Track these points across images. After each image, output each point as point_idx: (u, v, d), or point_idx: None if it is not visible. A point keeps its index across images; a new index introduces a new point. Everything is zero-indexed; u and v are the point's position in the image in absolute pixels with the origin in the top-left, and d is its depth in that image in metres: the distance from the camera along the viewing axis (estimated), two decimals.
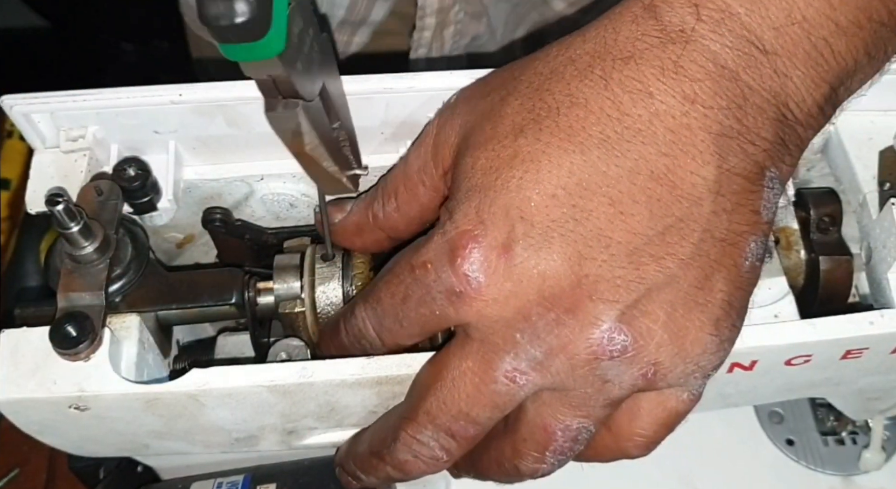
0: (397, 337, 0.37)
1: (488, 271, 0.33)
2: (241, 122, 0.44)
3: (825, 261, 0.44)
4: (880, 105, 0.45)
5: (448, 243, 0.34)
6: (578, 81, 0.33)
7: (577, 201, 0.32)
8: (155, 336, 0.42)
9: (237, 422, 0.41)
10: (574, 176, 0.32)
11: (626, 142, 0.32)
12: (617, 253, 0.32)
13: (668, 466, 0.55)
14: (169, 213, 0.45)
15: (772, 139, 0.33)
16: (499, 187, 0.33)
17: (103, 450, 0.46)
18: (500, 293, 0.33)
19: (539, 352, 0.33)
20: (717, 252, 0.33)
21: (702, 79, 0.32)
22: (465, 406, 0.35)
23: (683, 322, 0.33)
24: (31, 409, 0.39)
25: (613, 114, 0.32)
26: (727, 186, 0.32)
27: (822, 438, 0.56)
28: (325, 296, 0.43)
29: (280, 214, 0.48)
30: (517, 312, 0.33)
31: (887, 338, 0.40)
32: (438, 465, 0.37)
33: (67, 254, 0.39)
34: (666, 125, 0.32)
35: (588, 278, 0.32)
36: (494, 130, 0.34)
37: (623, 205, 0.32)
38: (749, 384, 0.43)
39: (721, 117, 0.32)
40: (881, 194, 0.44)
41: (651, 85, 0.32)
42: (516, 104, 0.34)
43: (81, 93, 0.42)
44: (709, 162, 0.32)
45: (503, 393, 0.34)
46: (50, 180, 0.43)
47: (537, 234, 0.32)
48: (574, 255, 0.32)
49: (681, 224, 0.32)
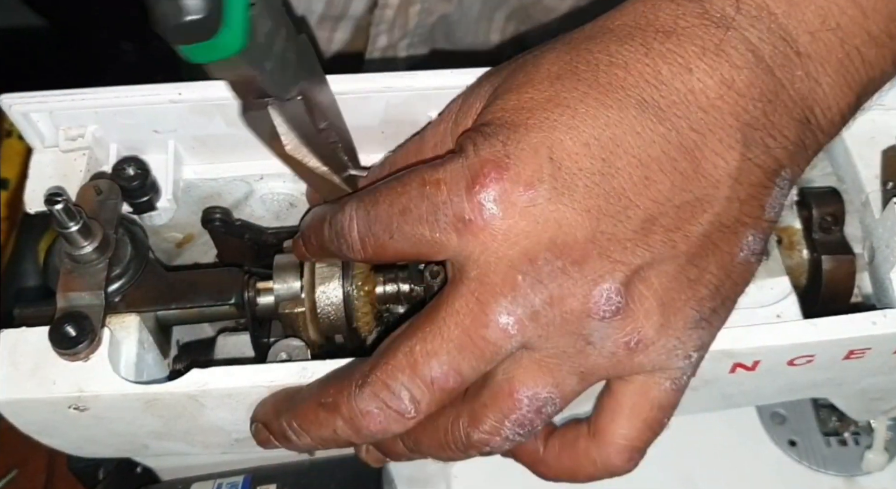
0: (381, 249, 0.35)
1: (505, 205, 0.32)
2: (241, 122, 0.43)
3: (827, 260, 0.44)
4: (883, 104, 0.45)
5: (469, 168, 0.32)
6: (618, 45, 0.33)
7: (608, 156, 0.32)
8: (154, 336, 0.42)
9: (237, 422, 0.41)
10: (609, 129, 0.32)
11: (662, 110, 0.32)
12: (634, 216, 0.32)
13: (670, 467, 0.55)
14: (168, 212, 0.45)
15: (793, 139, 0.33)
16: (531, 125, 0.32)
17: (102, 451, 0.45)
18: (511, 230, 0.32)
19: (537, 299, 0.32)
20: (719, 237, 0.33)
21: (741, 66, 0.32)
22: (452, 350, 0.33)
23: (673, 295, 0.33)
24: (31, 410, 0.38)
25: (652, 80, 0.32)
26: (745, 176, 0.32)
27: (825, 439, 0.56)
28: (325, 297, 0.42)
29: (280, 214, 0.48)
30: (524, 254, 0.32)
31: (890, 338, 0.39)
32: (399, 423, 0.34)
33: (66, 253, 0.39)
34: (700, 103, 0.32)
35: (602, 235, 0.32)
36: (529, 77, 0.34)
37: (650, 170, 0.32)
38: (751, 384, 0.43)
39: (751, 107, 0.32)
40: (884, 194, 0.43)
41: (691, 62, 0.32)
42: (553, 57, 0.34)
43: (80, 92, 0.42)
44: (733, 147, 0.32)
45: (493, 341, 0.32)
46: (49, 180, 0.43)
47: (563, 178, 0.32)
48: (594, 209, 0.32)
49: (697, 202, 0.32)
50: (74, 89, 0.42)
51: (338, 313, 0.43)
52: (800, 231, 0.45)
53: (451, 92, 0.41)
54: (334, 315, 0.43)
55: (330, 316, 0.42)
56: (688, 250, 0.32)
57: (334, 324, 0.43)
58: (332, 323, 0.43)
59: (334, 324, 0.43)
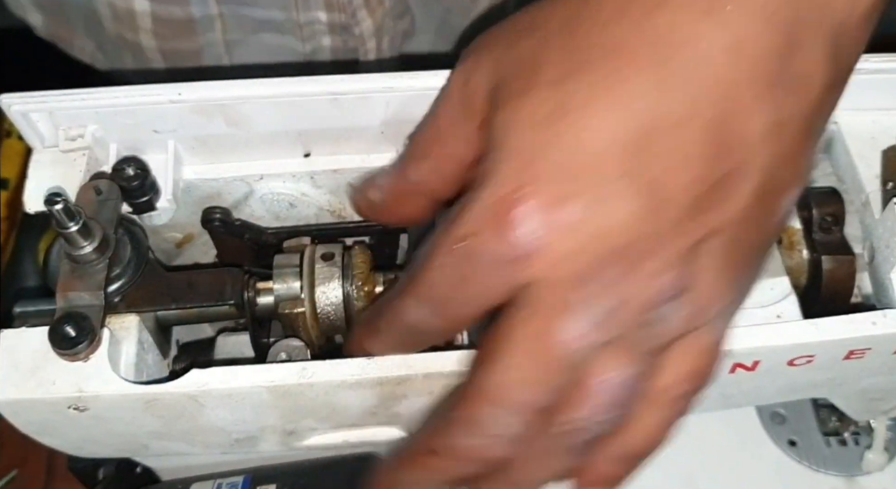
0: (463, 319, 0.34)
1: (544, 232, 0.30)
2: (241, 122, 0.43)
3: (827, 260, 0.44)
4: (883, 104, 0.45)
5: (488, 210, 0.31)
6: (614, 26, 0.31)
7: (637, 150, 0.30)
8: (154, 336, 0.42)
9: (237, 422, 0.41)
10: (630, 122, 0.30)
11: (676, 89, 0.30)
12: (676, 204, 0.31)
13: (670, 467, 0.54)
14: (168, 212, 0.45)
15: (822, 82, 0.31)
16: (548, 140, 0.31)
17: (102, 451, 0.45)
18: (560, 253, 0.31)
19: (601, 310, 0.31)
20: (762, 204, 0.32)
21: (740, 22, 0.30)
22: (529, 372, 0.32)
23: (726, 263, 0.32)
24: (30, 410, 0.38)
25: (658, 59, 0.30)
26: (776, 139, 0.31)
27: (825, 439, 0.56)
28: (326, 296, 0.42)
29: (280, 214, 0.48)
30: (579, 272, 0.31)
31: (890, 338, 0.39)
32: (501, 447, 0.34)
33: (66, 254, 0.39)
34: (712, 74, 0.30)
35: (652, 231, 0.31)
36: (535, 79, 0.32)
37: (682, 152, 0.30)
38: (751, 384, 0.43)
39: (768, 63, 0.30)
40: (884, 194, 0.43)
41: (689, 31, 0.30)
42: (555, 47, 0.32)
43: (80, 92, 0.42)
44: (759, 113, 0.30)
45: (564, 357, 0.32)
46: (48, 180, 0.43)
47: (598, 186, 0.30)
48: (636, 207, 0.30)
49: (736, 174, 0.31)
50: (74, 89, 0.42)
51: (338, 313, 0.43)
52: (800, 231, 0.45)
53: None
54: (334, 315, 0.43)
55: (330, 316, 0.43)
56: (736, 221, 0.31)
57: (334, 324, 0.43)
58: (332, 323, 0.43)
59: (334, 324, 0.43)
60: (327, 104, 0.43)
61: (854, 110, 0.45)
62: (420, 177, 0.38)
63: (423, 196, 0.39)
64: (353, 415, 0.41)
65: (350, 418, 0.41)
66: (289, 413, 0.40)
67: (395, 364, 0.38)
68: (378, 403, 0.40)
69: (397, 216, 0.41)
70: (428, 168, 0.38)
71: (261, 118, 0.43)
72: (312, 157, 0.46)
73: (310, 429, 0.43)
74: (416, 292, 0.34)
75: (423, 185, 0.39)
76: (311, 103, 0.43)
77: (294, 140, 0.45)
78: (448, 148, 0.37)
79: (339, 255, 0.43)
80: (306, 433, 0.43)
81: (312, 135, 0.45)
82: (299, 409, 0.40)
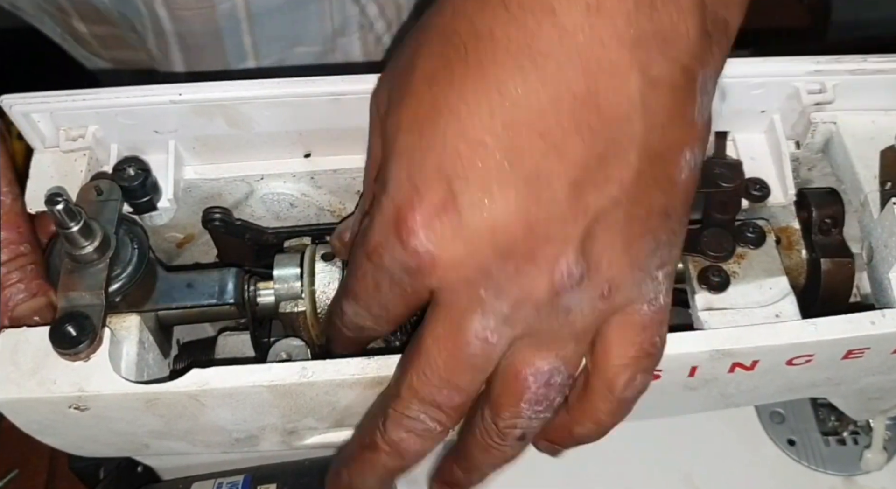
0: (392, 320, 0.36)
1: (436, 239, 0.31)
2: (241, 122, 0.44)
3: (826, 263, 0.44)
4: (881, 105, 0.45)
5: (389, 221, 0.32)
6: (480, 13, 0.31)
7: (507, 142, 0.30)
8: (155, 336, 0.42)
9: (237, 422, 0.41)
10: (496, 116, 0.30)
11: (541, 68, 0.30)
12: (559, 188, 0.31)
13: (670, 466, 0.55)
14: (169, 212, 0.45)
15: (695, 35, 0.31)
16: (423, 147, 0.31)
17: (103, 451, 0.45)
18: (454, 257, 0.32)
19: (505, 305, 0.32)
20: (654, 168, 0.32)
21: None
22: (444, 373, 0.34)
23: (627, 236, 0.32)
24: (31, 409, 0.39)
25: (521, 40, 0.30)
26: (654, 100, 0.31)
27: (824, 438, 0.56)
28: (326, 296, 0.43)
29: (280, 214, 0.48)
30: (476, 270, 0.32)
31: (888, 337, 0.39)
32: (434, 437, 0.36)
33: (67, 253, 0.39)
34: (577, 42, 0.30)
35: (538, 222, 0.31)
36: (410, 85, 0.33)
37: (553, 137, 0.30)
38: (750, 384, 0.43)
39: (631, 22, 0.30)
40: (882, 194, 0.43)
41: (552, 1, 0.30)
42: (426, 52, 0.33)
43: (81, 92, 0.42)
44: (629, 76, 0.30)
45: (479, 353, 0.33)
46: (49, 180, 0.43)
47: (475, 187, 0.31)
48: (518, 201, 0.31)
49: (615, 146, 0.31)
50: (75, 90, 0.42)
51: None
52: (798, 231, 0.45)
53: None
54: (327, 314, 0.43)
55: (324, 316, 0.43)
56: (626, 194, 0.31)
57: None
58: None
59: None
60: (328, 104, 0.43)
61: (853, 111, 0.45)
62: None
63: None
64: (354, 414, 0.41)
65: (350, 417, 0.41)
66: (289, 412, 0.40)
67: (395, 363, 0.38)
68: None
69: None
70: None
71: (261, 118, 0.43)
72: (313, 157, 0.46)
73: (310, 428, 0.43)
74: (346, 296, 0.37)
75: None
76: (312, 104, 0.43)
77: (294, 140, 0.45)
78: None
79: None
80: (306, 432, 0.43)
81: (313, 135, 0.45)
82: (300, 409, 0.40)
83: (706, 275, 0.42)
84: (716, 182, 0.42)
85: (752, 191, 0.45)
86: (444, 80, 0.31)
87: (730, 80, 0.43)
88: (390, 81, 0.35)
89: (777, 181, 0.45)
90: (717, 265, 0.42)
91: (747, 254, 0.43)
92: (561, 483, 0.53)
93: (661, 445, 0.42)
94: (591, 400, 0.36)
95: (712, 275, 0.42)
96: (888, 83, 0.44)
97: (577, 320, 0.33)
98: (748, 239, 0.43)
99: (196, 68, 0.65)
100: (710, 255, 0.42)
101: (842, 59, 0.44)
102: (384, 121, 0.35)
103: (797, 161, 0.47)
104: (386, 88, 0.36)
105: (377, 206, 0.33)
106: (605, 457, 0.53)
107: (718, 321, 0.41)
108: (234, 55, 0.64)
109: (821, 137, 0.46)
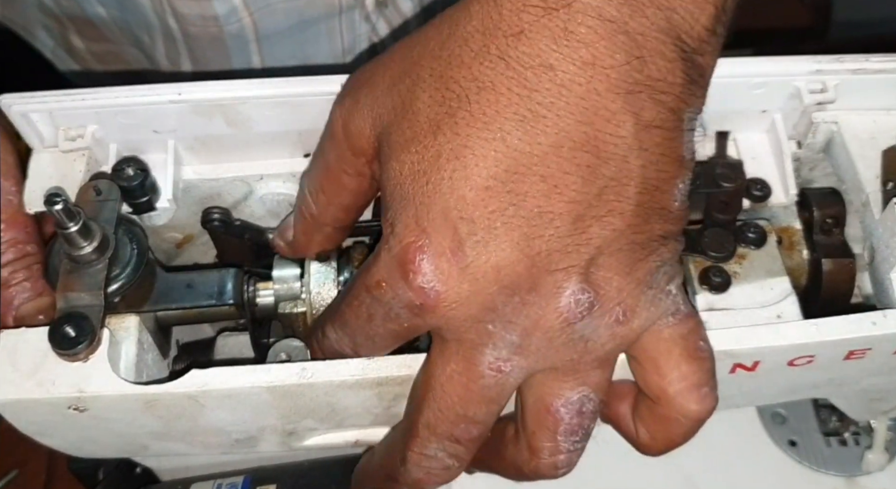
0: (373, 351, 0.38)
1: (442, 278, 0.33)
2: (241, 122, 0.43)
3: (828, 263, 0.44)
4: (883, 104, 0.45)
5: (396, 259, 0.34)
6: (479, 64, 0.33)
7: (511, 187, 0.32)
8: (154, 336, 0.42)
9: (237, 423, 0.41)
10: (501, 163, 0.32)
11: (542, 118, 0.32)
12: (561, 224, 0.32)
13: (671, 468, 0.55)
14: (168, 212, 0.45)
15: (680, 81, 0.33)
16: (430, 192, 0.33)
17: (102, 451, 0.45)
18: (459, 295, 0.33)
19: (515, 335, 0.33)
20: (651, 200, 0.33)
21: (594, 40, 0.32)
22: (460, 409, 0.35)
23: (631, 260, 0.34)
24: (30, 410, 0.38)
25: (522, 92, 0.32)
26: (648, 140, 0.33)
27: (825, 439, 0.56)
28: (321, 297, 0.42)
29: (280, 214, 0.48)
30: (482, 307, 0.33)
31: (890, 338, 0.39)
32: (452, 473, 0.38)
33: (66, 254, 0.39)
34: (575, 94, 0.32)
35: (540, 255, 0.33)
36: (413, 130, 0.34)
37: (555, 179, 0.32)
38: (751, 385, 0.43)
39: (624, 74, 0.32)
40: (884, 194, 0.43)
41: (549, 57, 0.32)
42: (425, 97, 0.34)
43: (80, 92, 0.42)
44: (624, 121, 0.32)
45: (493, 385, 0.35)
46: (48, 180, 0.43)
47: (480, 229, 0.32)
48: (521, 239, 0.32)
49: (614, 183, 0.33)
50: (74, 89, 0.42)
51: None
52: (800, 231, 0.45)
53: None
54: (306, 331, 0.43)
55: None
56: (627, 224, 0.33)
57: None
58: None
59: None
60: (327, 104, 0.43)
61: (854, 110, 0.45)
62: (318, 211, 0.41)
63: (328, 226, 0.41)
64: (353, 415, 0.41)
65: (350, 418, 0.41)
66: (289, 413, 0.40)
67: (395, 364, 0.38)
68: (378, 403, 0.40)
69: (312, 249, 0.43)
70: (324, 202, 0.40)
71: (261, 118, 0.43)
72: None
73: (309, 429, 0.42)
74: (333, 321, 0.38)
75: (323, 217, 0.41)
76: (311, 103, 0.43)
77: (294, 140, 0.45)
78: (338, 182, 0.39)
79: (334, 256, 0.43)
80: (306, 433, 0.43)
81: (312, 135, 0.45)
82: (299, 410, 0.40)
83: (707, 275, 0.42)
84: (717, 182, 0.42)
85: (754, 191, 0.45)
86: (448, 129, 0.33)
87: (731, 80, 0.43)
88: (381, 112, 0.36)
89: (778, 181, 0.45)
90: (719, 265, 0.42)
91: (748, 255, 0.43)
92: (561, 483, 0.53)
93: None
94: (666, 428, 0.37)
95: (713, 276, 0.42)
96: (890, 83, 0.44)
97: (597, 348, 0.34)
98: (749, 239, 0.43)
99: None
100: (711, 256, 0.42)
101: (843, 59, 0.44)
102: (383, 160, 0.35)
103: (798, 161, 0.47)
104: (371, 113, 0.36)
105: (384, 244, 0.35)
106: (605, 457, 0.53)
107: (719, 322, 0.40)
108: (243, 75, 0.65)
109: (822, 137, 0.46)
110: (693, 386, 0.35)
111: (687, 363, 0.35)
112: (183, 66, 0.65)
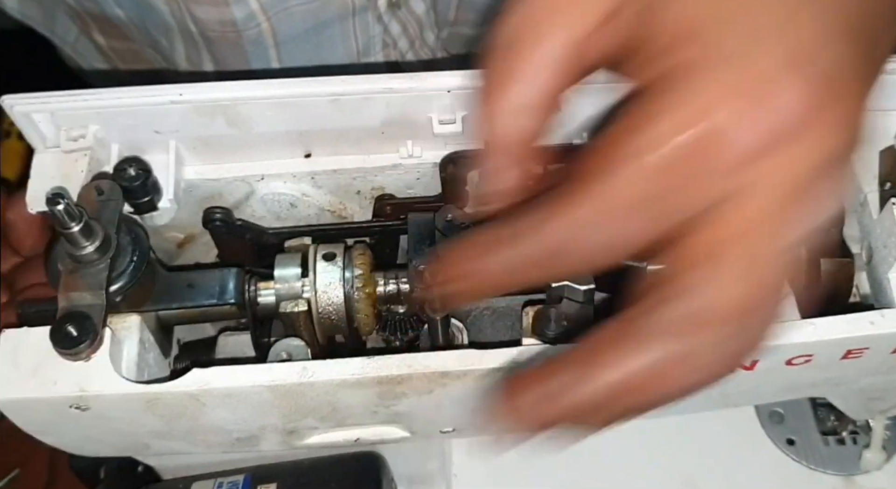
0: (618, 247, 0.29)
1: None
2: (242, 122, 0.44)
3: (826, 262, 0.44)
4: (880, 105, 0.45)
5: (735, 89, 0.27)
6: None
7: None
8: (156, 336, 0.42)
9: (238, 421, 0.41)
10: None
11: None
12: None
13: (669, 466, 0.55)
14: (169, 212, 0.45)
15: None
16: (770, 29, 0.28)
17: (104, 450, 0.46)
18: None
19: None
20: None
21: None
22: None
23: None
24: (32, 409, 0.39)
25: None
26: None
27: (823, 438, 0.56)
28: (326, 297, 0.43)
29: (280, 214, 0.48)
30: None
31: (888, 337, 0.39)
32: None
33: (68, 254, 0.39)
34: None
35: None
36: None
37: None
38: (750, 384, 0.43)
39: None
40: (882, 194, 0.44)
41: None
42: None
43: (82, 92, 0.42)
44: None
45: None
46: (50, 180, 0.43)
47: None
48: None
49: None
50: (76, 90, 0.43)
51: (338, 313, 0.43)
52: None
53: (451, 93, 0.41)
54: (335, 315, 0.43)
55: (331, 316, 0.43)
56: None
57: (335, 324, 0.43)
58: (333, 323, 0.43)
59: (335, 325, 0.43)
60: (328, 105, 0.43)
61: None
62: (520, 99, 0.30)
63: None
64: (354, 414, 0.41)
65: (351, 417, 0.41)
66: (289, 412, 0.40)
67: (395, 364, 0.38)
68: (378, 402, 0.40)
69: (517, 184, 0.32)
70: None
71: (262, 119, 0.44)
72: (313, 157, 0.46)
73: (310, 428, 0.43)
74: (595, 199, 0.28)
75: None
76: (312, 104, 0.43)
77: (295, 140, 0.45)
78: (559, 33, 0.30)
79: (340, 255, 0.43)
80: (307, 432, 0.43)
81: (313, 135, 0.45)
82: (300, 409, 0.40)
83: None
84: None
85: None
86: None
87: None
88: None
89: None
90: None
91: None
92: (561, 483, 0.53)
93: (660, 445, 0.42)
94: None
95: None
96: (887, 83, 0.44)
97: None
98: None
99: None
100: None
101: None
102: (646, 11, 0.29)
103: None
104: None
105: (667, 94, 0.28)
106: (604, 456, 0.53)
107: None
108: (264, 76, 0.65)
109: None
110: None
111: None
112: (205, 67, 0.65)
